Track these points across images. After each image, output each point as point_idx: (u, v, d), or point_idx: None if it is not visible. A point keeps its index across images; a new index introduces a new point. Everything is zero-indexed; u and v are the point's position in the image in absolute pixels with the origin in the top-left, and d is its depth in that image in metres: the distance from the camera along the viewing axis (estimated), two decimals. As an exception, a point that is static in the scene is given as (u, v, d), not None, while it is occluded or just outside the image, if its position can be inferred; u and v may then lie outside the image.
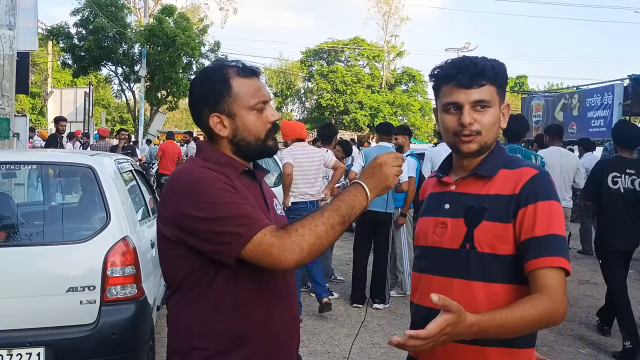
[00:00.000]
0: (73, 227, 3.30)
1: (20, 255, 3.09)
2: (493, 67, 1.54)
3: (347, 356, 4.27)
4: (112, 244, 3.02)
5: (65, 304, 2.96)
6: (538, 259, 1.43)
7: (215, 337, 1.48)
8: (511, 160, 1.58)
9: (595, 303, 6.05)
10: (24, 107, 32.19)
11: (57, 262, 3.06)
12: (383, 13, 45.47)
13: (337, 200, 1.47)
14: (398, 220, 5.97)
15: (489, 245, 1.49)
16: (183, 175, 1.51)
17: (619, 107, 12.88)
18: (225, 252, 1.40)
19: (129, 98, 25.74)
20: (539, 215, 1.45)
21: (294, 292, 1.66)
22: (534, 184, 1.48)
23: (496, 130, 1.57)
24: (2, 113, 8.07)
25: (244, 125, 1.55)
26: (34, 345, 2.87)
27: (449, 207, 1.58)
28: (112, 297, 2.99)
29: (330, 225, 1.41)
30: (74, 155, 4.17)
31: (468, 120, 1.51)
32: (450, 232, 1.55)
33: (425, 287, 1.59)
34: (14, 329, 2.90)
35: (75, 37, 22.90)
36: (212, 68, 1.61)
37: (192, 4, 37.80)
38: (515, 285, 1.50)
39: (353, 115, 41.71)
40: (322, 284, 5.25)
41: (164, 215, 1.51)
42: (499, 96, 1.55)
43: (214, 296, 1.48)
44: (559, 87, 30.89)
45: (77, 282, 2.97)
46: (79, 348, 2.93)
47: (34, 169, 3.55)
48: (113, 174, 3.45)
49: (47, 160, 3.68)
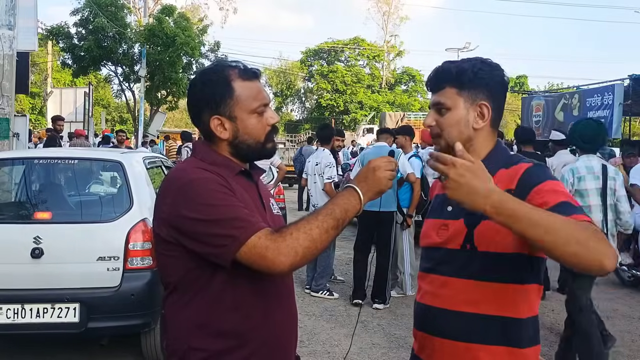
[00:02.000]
0: (103, 210, 4.12)
1: (63, 231, 3.83)
2: (451, 69, 1.57)
3: (345, 356, 4.27)
4: (134, 224, 3.73)
5: (96, 270, 3.69)
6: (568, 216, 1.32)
7: (214, 338, 1.47)
8: (510, 160, 1.58)
9: (595, 303, 6.05)
10: (23, 107, 32.19)
11: (90, 237, 3.81)
12: (383, 13, 45.53)
13: (331, 203, 1.47)
14: (406, 221, 5.98)
15: (489, 244, 1.49)
16: (179, 175, 1.50)
17: (619, 107, 12.88)
18: (220, 254, 1.40)
19: (129, 98, 25.72)
20: (544, 193, 1.42)
21: (292, 292, 1.66)
22: (529, 175, 1.49)
23: (460, 130, 1.56)
24: (1, 113, 8.06)
25: (245, 128, 1.55)
26: (71, 301, 3.66)
27: (452, 209, 1.60)
28: (133, 266, 3.71)
29: (324, 229, 1.41)
30: (108, 153, 4.97)
31: (427, 122, 1.61)
32: (451, 233, 1.57)
33: (428, 286, 1.63)
34: (56, 288, 3.68)
35: (75, 37, 22.86)
36: (213, 69, 1.59)
37: (192, 4, 37.91)
38: (517, 285, 1.50)
39: (353, 115, 41.74)
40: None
41: (159, 216, 1.50)
42: (463, 96, 1.55)
43: (212, 297, 1.47)
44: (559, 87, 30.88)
45: (105, 253, 3.70)
46: (105, 305, 3.67)
47: (77, 163, 4.39)
48: (138, 168, 4.18)
49: (86, 157, 4.57)
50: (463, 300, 1.53)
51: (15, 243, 3.75)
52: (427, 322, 1.62)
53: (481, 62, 1.58)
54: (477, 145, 1.58)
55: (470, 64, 1.57)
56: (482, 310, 1.51)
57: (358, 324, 5.09)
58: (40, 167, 4.40)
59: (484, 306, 1.51)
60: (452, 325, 1.54)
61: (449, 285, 1.56)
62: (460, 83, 1.55)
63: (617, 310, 5.84)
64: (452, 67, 1.57)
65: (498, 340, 1.50)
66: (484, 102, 1.56)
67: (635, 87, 12.86)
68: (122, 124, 39.17)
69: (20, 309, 3.62)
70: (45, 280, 3.69)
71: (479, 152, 1.57)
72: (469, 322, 1.52)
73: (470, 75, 1.55)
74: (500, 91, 1.60)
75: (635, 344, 4.86)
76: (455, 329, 1.54)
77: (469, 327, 1.52)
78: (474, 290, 1.52)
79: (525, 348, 1.52)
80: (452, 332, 1.55)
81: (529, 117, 17.34)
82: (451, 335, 1.55)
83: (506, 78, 1.62)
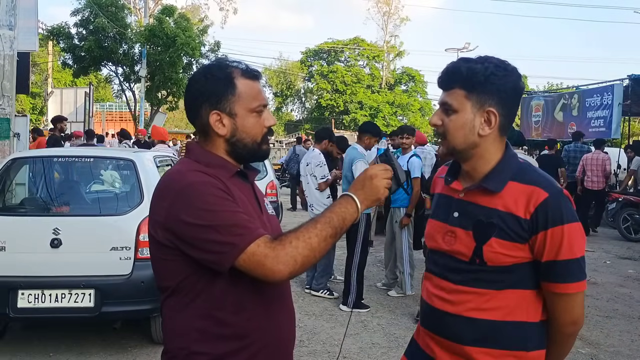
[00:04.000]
0: (117, 204, 4.50)
1: (80, 223, 4.22)
2: (461, 70, 1.51)
3: (342, 355, 4.28)
4: (144, 217, 3.91)
5: (109, 259, 4.00)
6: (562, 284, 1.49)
7: (216, 341, 1.46)
8: (522, 170, 1.54)
9: (595, 303, 6.06)
10: (24, 107, 32.16)
11: (104, 228, 4.13)
12: (383, 13, 45.49)
13: (329, 211, 1.47)
14: (402, 220, 5.97)
15: (498, 260, 1.50)
16: (177, 178, 1.47)
17: (618, 107, 12.88)
18: (218, 261, 1.39)
19: (129, 98, 25.71)
20: (564, 240, 1.46)
21: (290, 292, 1.66)
22: (546, 208, 1.46)
23: (465, 135, 1.52)
24: (2, 113, 8.07)
25: (244, 126, 1.54)
26: (87, 287, 4.01)
27: (458, 215, 1.59)
28: (143, 256, 3.99)
29: (323, 238, 1.42)
30: (121, 152, 5.43)
31: (433, 121, 1.56)
32: (459, 243, 1.57)
33: (436, 290, 1.63)
34: (73, 275, 4.02)
35: (75, 37, 22.87)
36: (216, 65, 1.58)
37: (192, 4, 37.89)
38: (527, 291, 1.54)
39: (353, 115, 41.70)
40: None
41: (156, 219, 1.48)
42: (472, 100, 1.50)
43: (212, 300, 1.46)
44: (558, 87, 30.87)
45: (118, 243, 4.02)
46: (117, 291, 4.00)
47: (92, 161, 4.84)
48: (149, 166, 4.50)
49: (101, 155, 4.98)
50: (475, 307, 1.54)
51: (36, 234, 4.11)
52: (437, 324, 1.63)
53: (495, 66, 1.50)
54: (484, 153, 1.55)
55: (484, 67, 1.49)
56: (493, 316, 1.52)
57: (357, 324, 5.10)
58: (59, 165, 4.89)
59: (496, 313, 1.53)
60: (463, 331, 1.55)
61: (460, 294, 1.56)
62: (469, 85, 1.50)
63: (617, 310, 5.85)
64: (464, 67, 1.51)
65: (507, 345, 1.52)
66: (492, 109, 1.50)
67: (634, 87, 12.87)
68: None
69: (40, 294, 3.99)
70: (63, 268, 4.03)
71: (487, 160, 1.55)
72: (480, 328, 1.53)
73: (481, 78, 1.48)
74: (512, 98, 1.53)
75: (635, 344, 4.86)
76: (466, 334, 1.55)
77: (480, 332, 1.53)
78: (485, 298, 1.53)
79: (531, 351, 1.54)
80: (462, 337, 1.56)
81: (528, 117, 17.34)
82: (461, 340, 1.56)
83: (521, 84, 1.55)
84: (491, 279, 1.52)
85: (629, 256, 8.93)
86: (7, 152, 8.06)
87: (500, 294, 1.52)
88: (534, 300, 1.54)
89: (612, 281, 7.14)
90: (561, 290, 1.49)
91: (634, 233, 10.33)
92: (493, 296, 1.52)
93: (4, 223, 4.21)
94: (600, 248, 9.52)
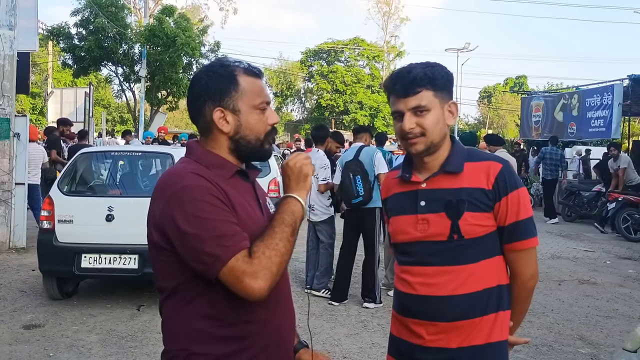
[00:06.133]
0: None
1: (128, 202, 5.44)
2: (426, 74, 1.68)
3: (342, 355, 4.28)
4: None
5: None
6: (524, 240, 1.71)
7: (217, 342, 1.45)
8: (470, 153, 1.77)
9: (595, 303, 6.06)
10: (24, 107, 32.18)
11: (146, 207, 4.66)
12: (383, 13, 45.48)
13: (277, 214, 1.47)
14: None
15: (474, 232, 1.67)
16: (174, 180, 1.47)
17: (618, 107, 12.91)
18: (206, 271, 1.39)
19: (129, 98, 25.68)
20: (520, 201, 1.70)
21: (290, 292, 1.66)
22: (504, 176, 1.69)
23: (440, 128, 1.71)
24: (2, 113, 8.08)
25: (247, 122, 1.53)
26: (132, 253, 5.21)
27: (425, 203, 1.72)
28: None
29: (286, 240, 1.42)
30: (161, 147, 7.23)
31: (408, 126, 1.69)
32: (433, 226, 1.70)
33: (417, 278, 1.73)
34: (122, 244, 5.22)
35: (75, 38, 22.83)
36: (218, 63, 1.58)
37: (192, 4, 37.82)
38: (500, 256, 1.73)
39: (353, 115, 41.71)
40: None
41: (151, 220, 1.49)
42: (438, 98, 1.69)
43: (213, 301, 1.45)
44: (558, 87, 30.89)
45: None
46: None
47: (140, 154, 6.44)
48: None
49: (146, 150, 6.52)
50: (459, 284, 1.67)
51: (95, 210, 5.35)
52: (424, 310, 1.71)
53: (441, 67, 1.72)
54: (447, 140, 1.76)
55: (437, 69, 1.70)
56: (475, 288, 1.68)
57: (357, 324, 5.10)
58: (113, 157, 6.35)
59: (477, 284, 1.68)
60: (451, 308, 1.68)
61: (443, 275, 1.69)
62: (435, 86, 1.68)
63: (617, 310, 5.85)
64: (423, 71, 1.68)
65: (493, 308, 1.70)
66: (452, 102, 1.74)
67: (634, 87, 12.89)
68: (123, 124, 39.16)
69: (97, 257, 5.26)
70: (115, 238, 5.24)
71: (445, 149, 1.75)
72: (466, 301, 1.67)
73: (443, 78, 1.70)
74: (452, 89, 1.77)
75: (634, 344, 4.86)
76: (454, 310, 1.68)
77: (466, 306, 1.67)
78: (467, 273, 1.68)
79: (507, 310, 1.74)
80: (450, 314, 1.68)
81: (528, 117, 17.35)
82: (450, 317, 1.68)
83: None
84: (469, 253, 1.68)
85: (629, 256, 8.93)
86: (7, 152, 8.08)
87: (478, 266, 1.68)
88: (502, 265, 1.74)
89: (612, 281, 7.14)
90: (524, 246, 1.71)
91: (633, 233, 10.33)
92: (474, 269, 1.68)
93: (72, 202, 5.48)
94: (600, 248, 9.53)
